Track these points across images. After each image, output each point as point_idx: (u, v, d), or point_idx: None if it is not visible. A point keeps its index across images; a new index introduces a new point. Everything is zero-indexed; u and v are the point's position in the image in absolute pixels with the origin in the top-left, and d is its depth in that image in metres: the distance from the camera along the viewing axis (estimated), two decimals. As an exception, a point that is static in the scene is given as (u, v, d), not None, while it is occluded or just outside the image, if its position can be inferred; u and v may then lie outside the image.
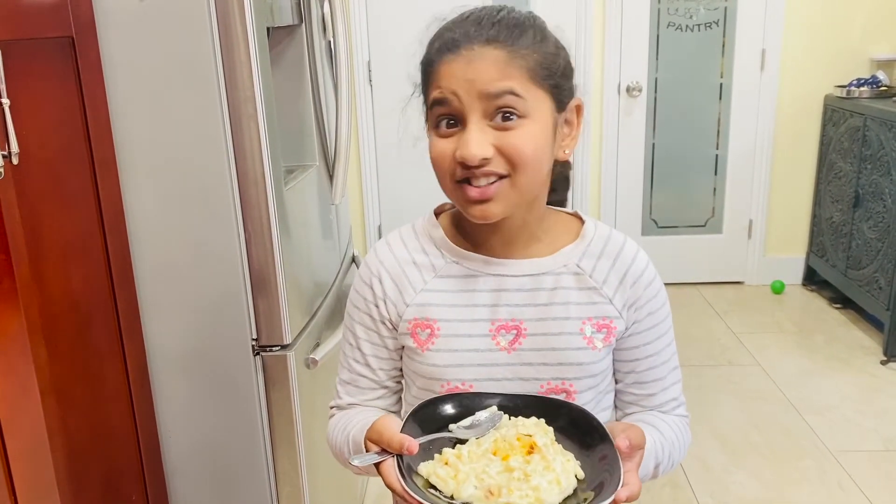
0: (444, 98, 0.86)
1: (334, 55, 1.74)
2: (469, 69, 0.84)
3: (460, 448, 0.86)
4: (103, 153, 1.35)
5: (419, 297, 0.98)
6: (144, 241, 1.43)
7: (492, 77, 0.84)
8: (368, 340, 1.01)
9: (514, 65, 0.85)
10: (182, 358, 1.49)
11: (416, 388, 1.00)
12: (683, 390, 1.04)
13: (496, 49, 0.85)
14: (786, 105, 3.74)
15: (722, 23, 3.69)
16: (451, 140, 0.87)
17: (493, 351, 0.95)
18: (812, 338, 3.39)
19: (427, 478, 0.83)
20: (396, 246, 1.01)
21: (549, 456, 0.83)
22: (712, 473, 2.42)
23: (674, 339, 1.03)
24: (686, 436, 1.03)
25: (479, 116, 0.85)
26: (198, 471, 1.57)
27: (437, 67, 0.87)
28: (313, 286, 1.71)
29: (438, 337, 0.96)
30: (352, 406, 1.05)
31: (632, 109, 3.80)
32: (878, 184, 3.23)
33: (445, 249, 0.99)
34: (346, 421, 1.00)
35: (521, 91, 0.85)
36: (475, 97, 0.84)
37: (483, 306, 0.96)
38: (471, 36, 0.85)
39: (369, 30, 3.62)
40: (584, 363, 0.95)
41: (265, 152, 1.39)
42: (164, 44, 1.34)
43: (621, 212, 3.94)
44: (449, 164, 0.87)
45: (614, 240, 0.99)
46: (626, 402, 1.04)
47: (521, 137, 0.85)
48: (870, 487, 2.32)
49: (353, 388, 1.04)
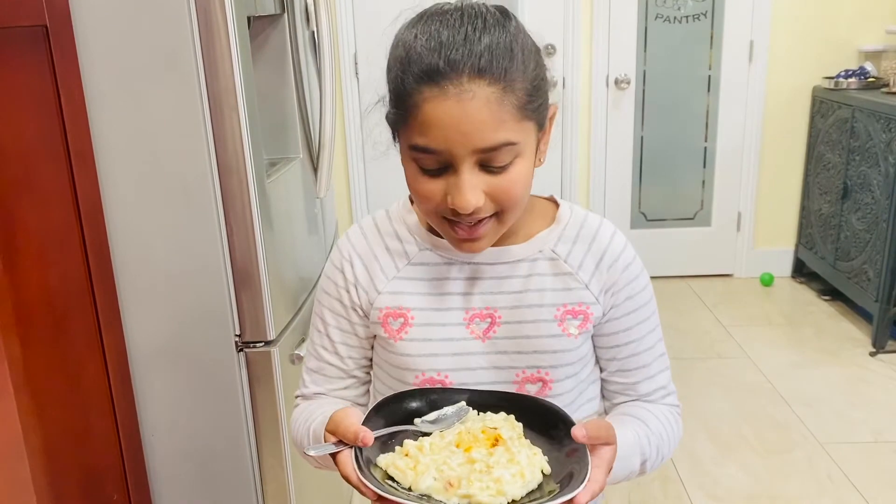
0: (430, 148, 0.80)
1: (318, 46, 1.72)
2: (460, 117, 0.77)
3: (422, 440, 0.83)
4: (80, 145, 1.32)
5: (391, 284, 0.96)
6: (123, 235, 1.40)
7: (486, 127, 0.78)
8: (338, 327, 0.99)
9: (507, 104, 0.78)
10: (164, 354, 1.46)
11: (389, 378, 0.98)
12: (673, 383, 1.02)
13: (488, 86, 0.77)
14: (774, 97, 3.74)
15: (710, 14, 3.67)
16: (437, 182, 0.83)
17: (468, 340, 0.94)
18: (801, 330, 3.39)
19: (385, 469, 0.81)
20: (369, 230, 0.99)
21: (514, 448, 0.80)
22: (702, 466, 2.41)
23: (659, 326, 1.00)
24: (676, 427, 0.99)
25: (471, 165, 0.80)
26: (181, 469, 1.54)
27: (419, 103, 0.79)
28: (298, 281, 1.69)
29: (412, 326, 0.94)
30: (318, 396, 1.02)
31: (620, 102, 3.78)
32: (867, 175, 3.23)
33: (419, 236, 0.97)
34: (309, 413, 0.97)
35: (514, 137, 0.80)
36: (468, 150, 0.79)
37: (457, 294, 0.95)
38: (457, 64, 0.77)
39: (356, 22, 3.59)
40: (558, 351, 0.93)
41: (246, 144, 1.36)
42: (142, 32, 1.30)
43: (610, 205, 3.92)
44: (437, 204, 0.84)
45: (590, 223, 0.97)
46: (612, 391, 1.01)
47: (511, 180, 0.82)
48: (859, 479, 2.32)
49: (320, 376, 1.01)
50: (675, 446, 0.99)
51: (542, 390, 0.94)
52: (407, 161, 0.86)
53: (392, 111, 0.84)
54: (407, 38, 0.82)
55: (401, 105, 0.82)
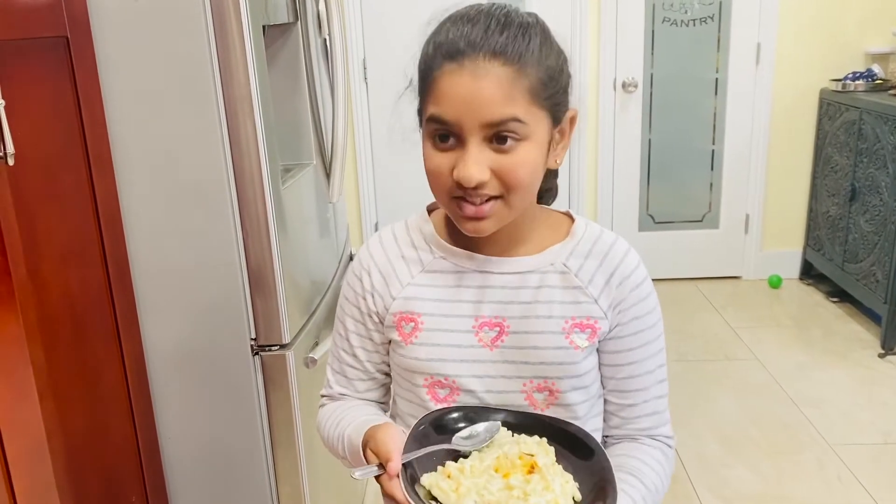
0: (443, 118, 0.84)
1: (330, 53, 1.74)
2: (472, 90, 0.82)
3: (463, 462, 0.87)
4: (99, 153, 1.34)
5: (405, 290, 0.99)
6: (141, 242, 1.42)
7: (495, 101, 0.82)
8: (356, 332, 1.03)
9: (519, 86, 0.83)
10: (180, 358, 1.49)
11: (402, 380, 1.01)
12: (682, 385, 1.03)
13: (502, 66, 0.82)
14: (781, 99, 3.75)
15: (717, 17, 3.68)
16: (447, 155, 0.86)
17: (476, 347, 0.96)
18: (809, 331, 3.40)
19: (429, 489, 0.85)
20: (387, 241, 1.02)
21: (549, 477, 0.84)
22: (711, 467, 2.42)
23: (663, 353, 1.01)
24: (668, 467, 1.00)
25: (479, 139, 0.84)
26: (197, 471, 1.56)
27: (438, 77, 0.85)
28: (311, 285, 1.71)
29: (422, 331, 0.97)
30: (343, 397, 1.07)
31: (627, 105, 3.80)
32: (875, 177, 3.23)
33: (434, 245, 1.00)
34: (340, 415, 1.02)
35: (523, 116, 0.84)
36: (476, 123, 0.83)
37: (467, 302, 0.97)
38: (476, 44, 0.83)
39: (364, 27, 3.61)
40: (565, 363, 0.94)
41: (262, 151, 1.39)
42: (160, 42, 1.33)
43: (618, 207, 3.94)
44: (445, 179, 0.87)
45: (604, 240, 0.98)
46: (608, 412, 1.02)
47: (517, 161, 0.85)
48: (869, 480, 2.33)
49: (342, 377, 1.06)
50: (667, 487, 1.01)
51: (550, 399, 0.96)
52: (425, 139, 0.89)
53: (419, 87, 0.90)
54: (437, 30, 0.88)
55: (423, 81, 0.88)
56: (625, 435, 1.01)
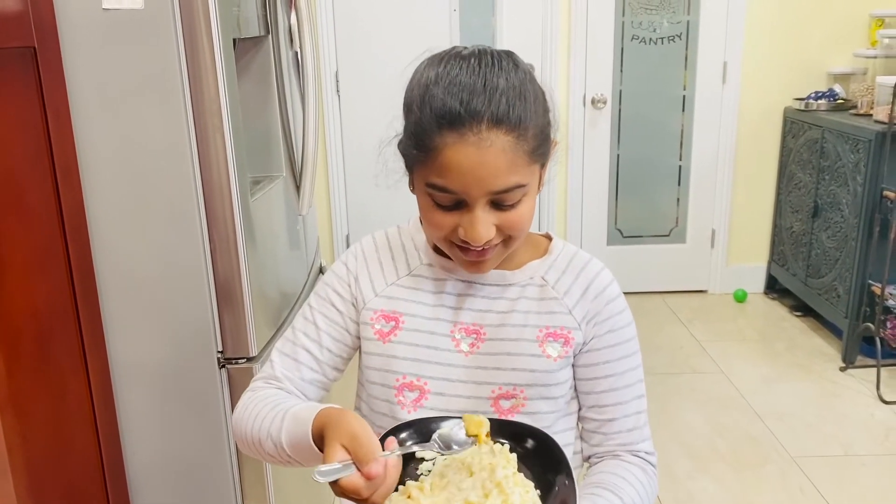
0: (448, 188, 0.87)
1: (301, 66, 1.74)
2: (477, 162, 0.84)
3: (423, 480, 0.87)
4: (66, 164, 1.33)
5: (389, 289, 1.02)
6: (108, 253, 1.41)
7: (500, 171, 0.85)
8: (326, 315, 1.03)
9: (520, 150, 0.86)
10: (146, 372, 1.47)
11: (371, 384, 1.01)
12: (648, 398, 1.04)
13: (505, 134, 0.84)
14: (747, 117, 3.82)
15: (685, 36, 3.75)
16: (451, 215, 0.90)
17: (451, 352, 0.99)
18: (773, 345, 3.45)
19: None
20: (380, 240, 1.07)
21: (508, 489, 0.83)
22: (677, 480, 2.45)
23: (640, 369, 1.03)
24: (650, 486, 1.00)
25: (484, 203, 0.88)
26: (162, 486, 1.54)
27: (440, 146, 0.85)
28: (280, 297, 1.70)
29: (402, 330, 0.99)
30: (281, 388, 1.01)
31: (597, 121, 3.84)
32: (836, 194, 3.31)
33: (423, 252, 1.04)
34: (280, 399, 0.97)
35: (524, 179, 0.88)
36: (482, 192, 0.86)
37: (448, 308, 1.00)
38: (478, 113, 0.83)
39: (337, 40, 3.61)
40: (536, 370, 0.97)
41: (231, 163, 1.39)
42: (129, 54, 1.32)
43: (587, 221, 3.98)
44: (447, 232, 0.91)
45: (580, 256, 1.04)
46: (588, 430, 1.04)
47: (520, 215, 0.90)
48: (830, 492, 2.37)
49: (291, 361, 1.03)
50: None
51: (516, 407, 0.97)
52: (422, 194, 0.92)
53: (412, 150, 0.89)
54: (428, 77, 0.87)
55: (421, 145, 0.87)
56: (606, 452, 1.03)
